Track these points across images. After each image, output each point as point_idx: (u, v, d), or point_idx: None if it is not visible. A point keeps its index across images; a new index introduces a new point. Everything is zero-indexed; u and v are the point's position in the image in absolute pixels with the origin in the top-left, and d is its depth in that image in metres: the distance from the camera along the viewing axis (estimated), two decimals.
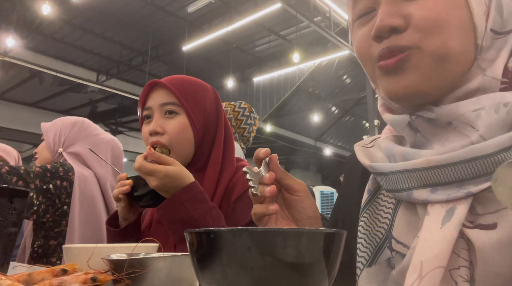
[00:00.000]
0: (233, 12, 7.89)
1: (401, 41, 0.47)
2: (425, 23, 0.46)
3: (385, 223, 0.51)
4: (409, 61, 0.47)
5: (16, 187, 0.64)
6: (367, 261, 0.51)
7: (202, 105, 0.99)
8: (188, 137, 0.97)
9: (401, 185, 0.48)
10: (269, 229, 0.32)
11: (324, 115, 11.82)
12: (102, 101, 9.98)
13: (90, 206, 1.41)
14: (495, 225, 0.41)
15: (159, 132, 0.95)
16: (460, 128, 0.46)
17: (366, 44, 0.51)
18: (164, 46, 9.42)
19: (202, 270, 0.35)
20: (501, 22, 0.48)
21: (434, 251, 0.41)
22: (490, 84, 0.47)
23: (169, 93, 0.97)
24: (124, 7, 7.96)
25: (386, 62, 0.48)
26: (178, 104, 0.96)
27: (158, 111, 0.97)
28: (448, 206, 0.44)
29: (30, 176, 1.26)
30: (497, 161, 0.41)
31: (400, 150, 0.51)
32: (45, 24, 8.11)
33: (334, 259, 0.34)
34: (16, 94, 9.27)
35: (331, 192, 8.25)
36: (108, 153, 1.53)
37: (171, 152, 0.95)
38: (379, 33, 0.48)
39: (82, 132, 1.51)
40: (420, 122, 0.49)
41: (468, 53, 0.47)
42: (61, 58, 9.62)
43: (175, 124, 0.96)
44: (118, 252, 0.61)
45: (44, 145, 1.49)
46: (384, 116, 0.55)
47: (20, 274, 0.53)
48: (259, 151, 0.57)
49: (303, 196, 0.58)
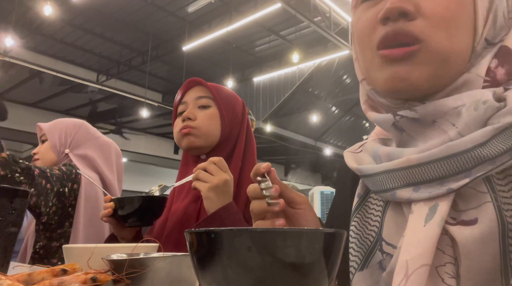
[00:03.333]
0: (233, 12, 7.88)
1: (407, 28, 0.46)
2: (434, 15, 0.45)
3: (375, 226, 0.51)
4: (417, 57, 0.46)
5: (16, 187, 0.64)
6: (359, 264, 0.50)
7: (232, 106, 1.09)
8: (216, 126, 1.05)
9: (385, 186, 0.48)
10: (269, 229, 0.32)
11: (324, 115, 11.81)
12: (102, 101, 9.97)
13: (94, 208, 1.41)
14: (476, 220, 0.42)
15: (191, 118, 1.03)
16: (443, 125, 0.46)
17: (371, 28, 0.50)
18: (164, 46, 9.41)
19: (202, 270, 0.35)
20: (493, 33, 0.48)
21: (419, 249, 0.41)
22: (474, 80, 0.47)
23: (205, 90, 1.07)
24: (124, 7, 7.95)
25: (392, 52, 0.47)
26: (211, 98, 1.06)
27: (192, 104, 1.06)
28: (431, 204, 0.44)
29: (53, 179, 1.27)
30: (473, 157, 0.42)
31: (385, 150, 0.51)
32: (45, 24, 8.11)
33: (334, 259, 0.34)
34: (16, 94, 9.26)
35: (331, 192, 8.24)
36: (112, 154, 1.54)
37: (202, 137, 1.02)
38: (388, 14, 0.46)
39: (87, 134, 1.52)
40: (405, 122, 0.49)
41: (466, 55, 0.47)
42: (61, 58, 9.61)
43: (207, 112, 1.05)
44: (118, 252, 0.61)
45: (46, 145, 1.48)
46: (369, 114, 0.54)
47: (20, 274, 0.53)
48: (260, 165, 0.56)
49: (305, 208, 0.58)
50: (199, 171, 0.89)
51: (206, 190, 0.87)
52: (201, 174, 0.89)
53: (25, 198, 0.65)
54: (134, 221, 0.96)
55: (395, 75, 0.47)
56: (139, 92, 9.79)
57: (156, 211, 0.98)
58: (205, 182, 0.88)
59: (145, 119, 9.80)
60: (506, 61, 0.47)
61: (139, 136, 11.32)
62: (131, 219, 0.95)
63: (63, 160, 1.47)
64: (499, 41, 0.48)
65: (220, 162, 0.90)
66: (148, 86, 10.06)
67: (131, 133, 11.02)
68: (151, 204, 0.97)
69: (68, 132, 1.49)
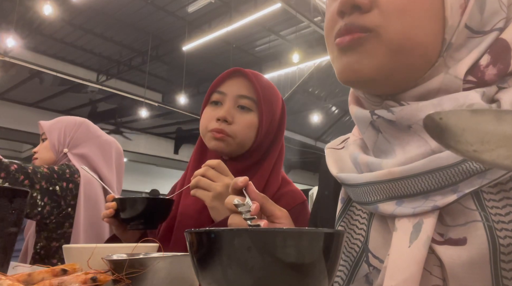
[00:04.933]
0: (233, 12, 7.89)
1: (360, 21, 0.44)
2: (390, 6, 0.42)
3: (361, 234, 0.48)
4: (364, 45, 0.44)
5: (16, 187, 0.64)
6: (344, 280, 0.48)
7: (274, 111, 0.96)
8: (251, 136, 0.94)
9: (367, 198, 0.46)
10: (269, 229, 0.32)
11: (324, 115, 11.81)
12: (102, 101, 9.97)
13: (94, 208, 1.41)
14: (465, 240, 0.39)
15: (228, 121, 0.91)
16: (420, 132, 0.43)
17: (331, 21, 0.48)
18: (164, 46, 9.41)
19: (202, 270, 0.35)
20: (480, 20, 0.43)
21: (405, 274, 0.39)
22: (452, 84, 0.43)
23: (249, 87, 0.94)
24: (124, 7, 7.95)
25: (341, 39, 0.45)
26: (254, 101, 0.93)
27: (231, 101, 0.93)
28: (415, 220, 0.41)
29: (37, 176, 1.25)
30: (461, 171, 0.39)
31: (364, 159, 0.48)
32: (45, 24, 8.11)
33: (334, 259, 0.34)
34: (16, 94, 9.26)
35: None
36: (113, 153, 1.53)
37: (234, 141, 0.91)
38: (342, 7, 0.45)
39: (86, 133, 1.51)
40: (382, 123, 0.46)
41: (433, 47, 0.43)
42: (61, 58, 9.61)
43: (247, 119, 0.92)
44: (118, 252, 0.61)
45: (45, 145, 1.47)
46: (351, 108, 0.52)
47: (20, 274, 0.53)
48: (237, 180, 0.55)
49: (284, 223, 0.56)
50: (199, 178, 0.81)
51: (210, 200, 0.80)
52: (201, 182, 0.81)
53: (25, 198, 0.65)
54: (137, 224, 0.89)
55: (347, 66, 0.45)
56: (139, 92, 9.80)
57: (162, 214, 0.91)
58: (207, 190, 0.81)
59: (145, 119, 9.80)
60: (500, 59, 0.43)
61: (139, 136, 11.32)
62: (134, 221, 0.89)
63: (62, 160, 1.46)
64: (491, 29, 0.44)
65: (219, 166, 0.83)
66: (148, 86, 10.06)
67: (131, 133, 11.02)
68: (157, 206, 0.90)
69: (68, 132, 1.48)
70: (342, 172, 0.51)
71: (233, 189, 0.55)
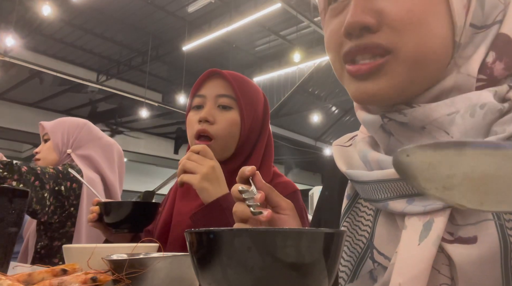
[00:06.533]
0: (233, 12, 7.88)
1: (375, 39, 0.43)
2: (400, 22, 0.42)
3: (366, 231, 0.48)
4: (382, 70, 0.43)
5: (15, 187, 0.64)
6: (349, 276, 0.48)
7: (255, 106, 0.97)
8: (235, 134, 0.95)
9: (377, 195, 0.45)
10: (269, 229, 0.32)
11: (324, 115, 11.80)
12: (102, 101, 9.97)
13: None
14: (475, 239, 0.39)
15: (210, 121, 0.92)
16: (434, 133, 0.43)
17: (337, 40, 0.47)
18: (164, 46, 9.40)
19: (202, 270, 0.35)
20: (481, 16, 0.43)
21: (413, 271, 0.39)
22: (465, 82, 0.43)
23: (227, 85, 0.95)
24: (124, 7, 7.95)
25: (358, 69, 0.44)
26: (233, 99, 0.94)
27: (211, 102, 0.95)
28: (426, 219, 0.41)
29: (46, 177, 1.26)
30: None
31: (374, 156, 0.47)
32: (45, 24, 8.10)
33: (334, 259, 0.34)
34: (16, 94, 9.26)
35: None
36: (115, 155, 1.54)
37: (216, 145, 0.92)
38: (350, 30, 0.44)
39: (89, 135, 1.52)
40: (393, 125, 0.46)
41: (446, 51, 0.43)
42: (61, 58, 9.61)
43: (227, 117, 0.94)
44: (118, 252, 0.61)
45: (48, 145, 1.48)
46: (358, 113, 0.52)
47: (20, 274, 0.53)
48: (245, 168, 0.55)
49: (289, 214, 0.56)
50: (184, 162, 0.82)
51: (198, 182, 0.80)
52: (187, 164, 0.81)
53: (25, 198, 0.65)
54: (122, 228, 0.90)
55: (363, 91, 0.45)
56: (139, 92, 9.79)
57: (147, 218, 0.92)
58: (193, 173, 0.81)
59: (145, 119, 9.80)
60: (505, 53, 0.43)
61: (139, 136, 11.32)
62: (118, 225, 0.90)
63: (65, 160, 1.47)
64: (492, 22, 0.44)
65: (204, 150, 0.84)
66: (148, 86, 10.05)
67: (131, 133, 11.02)
68: (140, 210, 0.91)
69: (71, 132, 1.49)
70: (350, 168, 0.51)
71: (240, 178, 0.55)
